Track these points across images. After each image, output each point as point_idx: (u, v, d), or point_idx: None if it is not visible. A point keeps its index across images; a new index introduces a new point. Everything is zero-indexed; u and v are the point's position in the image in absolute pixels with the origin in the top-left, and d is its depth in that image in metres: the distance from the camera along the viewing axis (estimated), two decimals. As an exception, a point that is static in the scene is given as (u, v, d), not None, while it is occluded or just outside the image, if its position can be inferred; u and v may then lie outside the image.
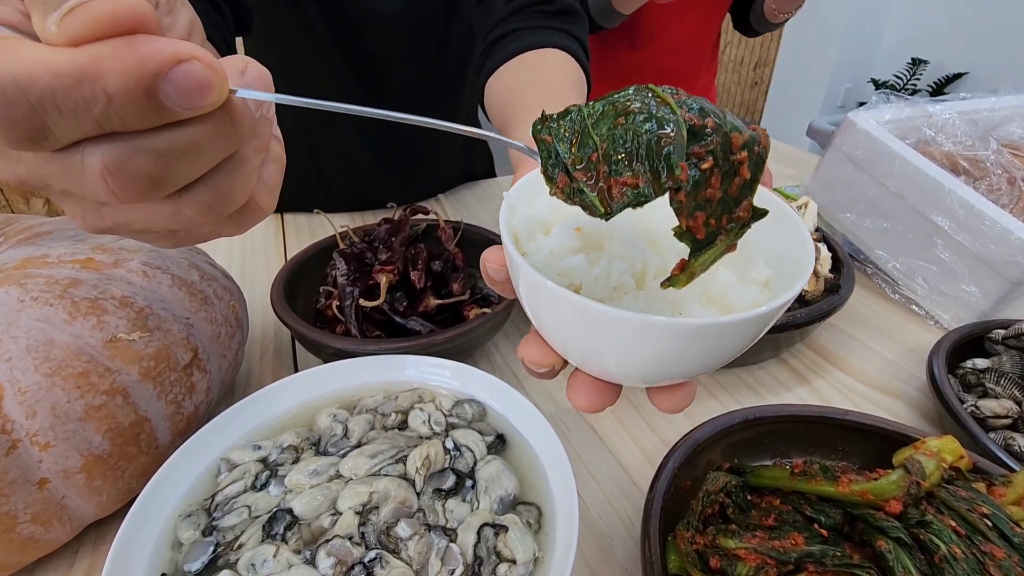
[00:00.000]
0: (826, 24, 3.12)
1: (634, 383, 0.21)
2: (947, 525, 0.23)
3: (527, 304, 0.21)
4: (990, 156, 0.51)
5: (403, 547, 0.29)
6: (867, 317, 0.54)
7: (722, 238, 0.17)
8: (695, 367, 0.20)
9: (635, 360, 0.19)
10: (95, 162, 0.14)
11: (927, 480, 0.25)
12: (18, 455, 0.28)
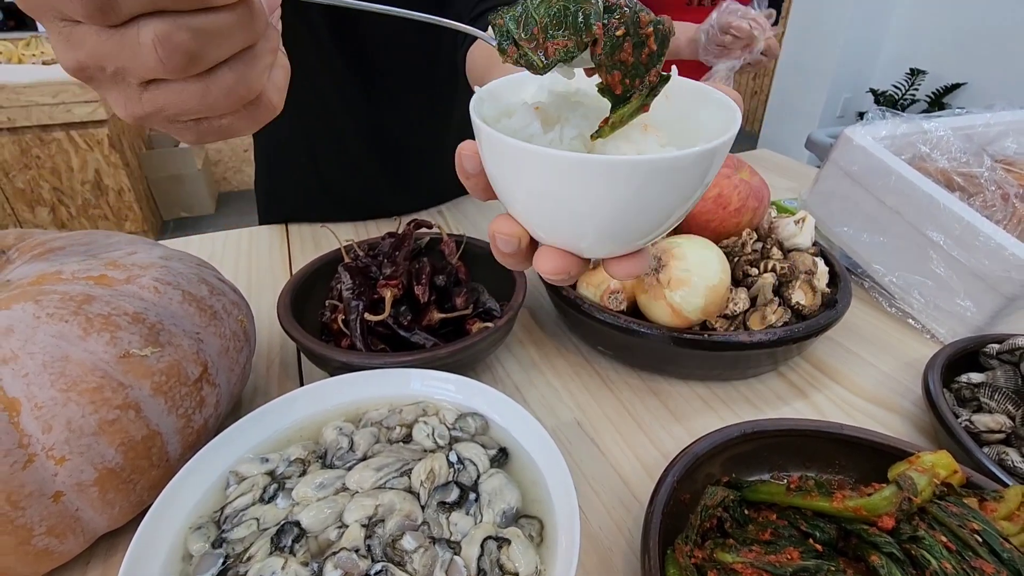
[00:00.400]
0: (825, 34, 3.15)
1: (588, 246, 0.23)
2: (938, 541, 0.24)
3: (490, 169, 0.24)
4: (984, 172, 0.52)
5: (408, 560, 0.30)
6: (864, 330, 0.55)
7: (636, 97, 0.21)
8: (640, 220, 0.22)
9: (581, 210, 0.21)
10: (148, 34, 0.18)
11: (919, 496, 0.25)
12: (35, 469, 0.28)
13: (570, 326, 0.55)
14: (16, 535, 0.28)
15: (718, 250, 0.45)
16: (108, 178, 2.40)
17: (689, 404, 0.47)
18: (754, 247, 0.51)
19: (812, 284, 0.48)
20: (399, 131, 0.74)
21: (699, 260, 0.43)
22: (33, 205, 2.35)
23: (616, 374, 0.50)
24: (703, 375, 0.49)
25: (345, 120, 0.72)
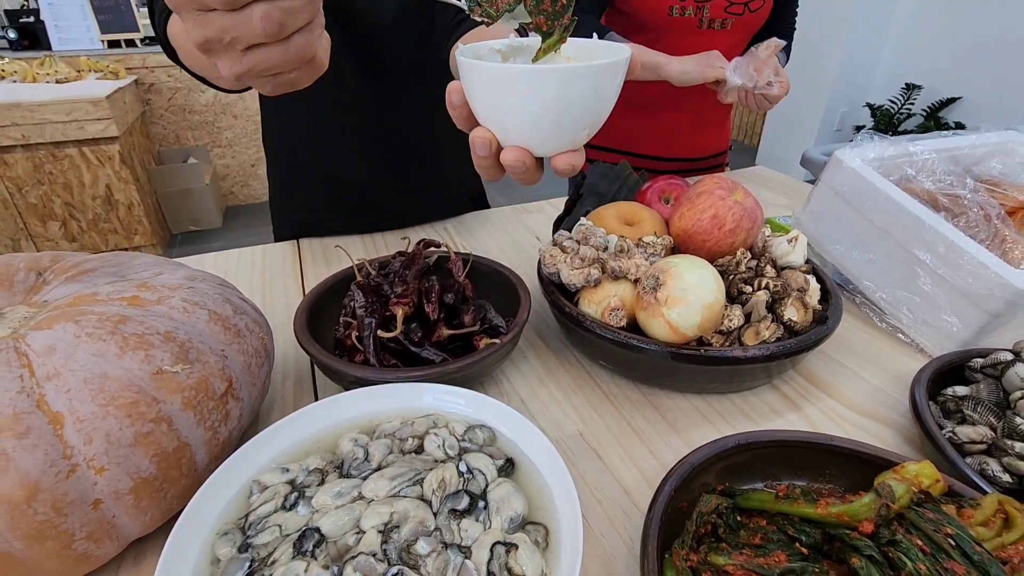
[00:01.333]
0: (822, 49, 3.20)
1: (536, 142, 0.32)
2: (914, 544, 0.26)
3: (467, 92, 0.32)
4: (967, 194, 0.54)
5: (422, 563, 0.32)
6: (855, 345, 0.57)
7: (556, 32, 0.31)
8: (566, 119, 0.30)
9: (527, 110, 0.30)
10: (257, 13, 0.27)
11: (896, 503, 0.27)
12: (77, 478, 0.30)
13: (573, 342, 0.57)
14: (59, 540, 0.30)
15: (713, 270, 0.47)
16: (118, 193, 2.44)
17: (687, 416, 0.49)
18: (748, 265, 0.53)
19: (804, 301, 0.51)
20: (403, 137, 0.79)
21: (695, 280, 0.46)
22: (45, 220, 2.39)
23: (617, 387, 0.52)
24: (700, 388, 0.51)
25: (352, 126, 0.76)
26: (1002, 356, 0.45)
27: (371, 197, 0.81)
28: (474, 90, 0.32)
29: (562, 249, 0.54)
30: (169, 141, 3.00)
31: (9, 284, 0.41)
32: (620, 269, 0.50)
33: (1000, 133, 0.69)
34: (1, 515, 0.28)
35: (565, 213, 0.68)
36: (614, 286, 0.51)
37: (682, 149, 1.03)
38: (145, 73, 2.81)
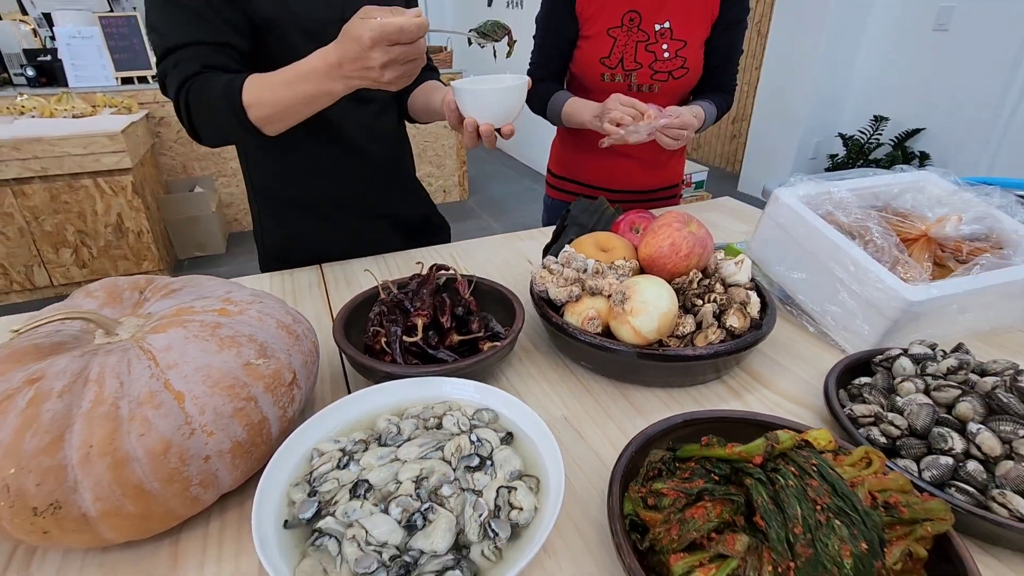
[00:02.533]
0: (797, 84, 3.41)
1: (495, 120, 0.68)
2: (788, 469, 0.37)
3: (458, 102, 0.70)
4: (873, 226, 0.67)
5: (446, 502, 0.43)
6: (791, 347, 0.70)
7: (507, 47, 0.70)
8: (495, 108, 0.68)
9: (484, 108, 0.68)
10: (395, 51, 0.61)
11: (780, 445, 0.39)
12: (194, 439, 0.42)
13: (559, 346, 0.69)
14: (182, 483, 0.41)
15: (668, 287, 0.60)
16: (129, 221, 2.55)
17: (651, 404, 0.60)
18: (700, 283, 0.66)
19: (744, 311, 0.63)
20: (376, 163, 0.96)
21: (653, 295, 0.58)
22: (58, 247, 2.50)
23: (594, 382, 0.64)
24: (662, 382, 0.63)
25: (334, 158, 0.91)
26: (893, 352, 0.57)
27: (382, 231, 0.95)
28: (463, 101, 0.68)
29: (549, 271, 0.66)
30: (177, 171, 3.14)
31: (119, 301, 0.52)
32: (596, 287, 0.63)
33: (914, 173, 0.83)
34: (147, 463, 0.40)
35: (552, 241, 0.81)
36: (592, 301, 0.63)
37: (636, 184, 1.18)
38: (156, 107, 2.96)
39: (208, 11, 0.71)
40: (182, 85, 0.71)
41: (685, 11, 1.04)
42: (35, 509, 0.38)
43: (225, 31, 0.73)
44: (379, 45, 0.59)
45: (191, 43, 0.71)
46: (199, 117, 0.72)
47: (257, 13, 0.75)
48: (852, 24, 3.20)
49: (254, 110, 0.69)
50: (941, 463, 0.45)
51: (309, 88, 0.67)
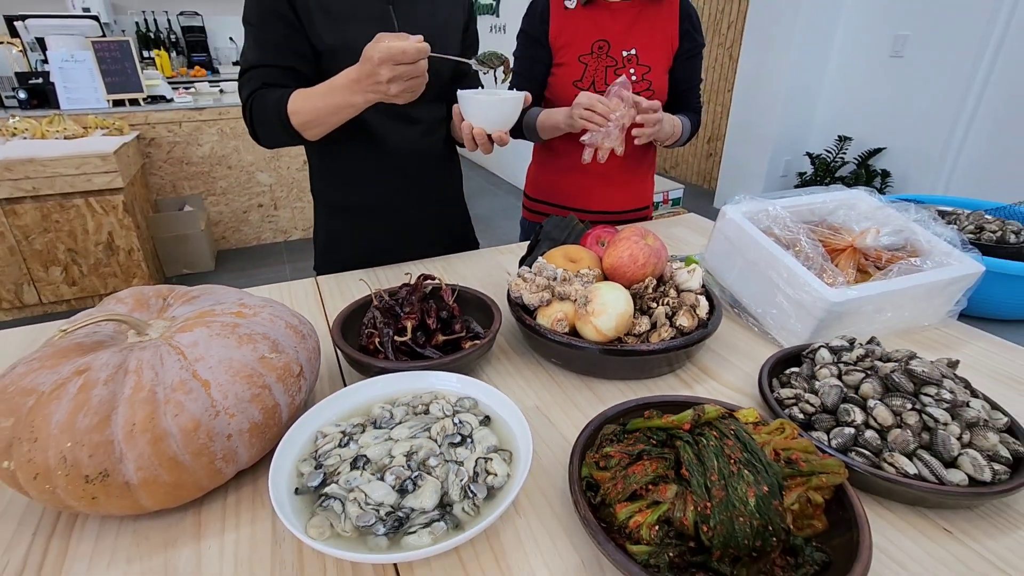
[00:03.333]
0: (767, 107, 3.58)
1: (491, 126, 0.83)
2: (711, 434, 0.46)
3: (461, 109, 0.83)
4: (803, 239, 0.78)
5: (433, 471, 0.51)
6: (738, 345, 0.79)
7: (503, 73, 0.86)
8: (495, 117, 0.83)
9: (488, 114, 0.82)
10: (387, 71, 0.74)
11: (706, 415, 0.48)
12: (219, 419, 0.49)
13: (532, 345, 0.77)
14: (208, 457, 0.49)
15: (625, 291, 0.69)
16: (120, 239, 2.60)
17: (611, 394, 0.69)
18: (655, 289, 0.75)
19: (694, 313, 0.72)
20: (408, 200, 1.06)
21: (612, 298, 0.67)
22: (48, 265, 2.53)
23: (563, 376, 0.72)
24: (621, 375, 0.72)
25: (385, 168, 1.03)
26: (815, 345, 0.67)
27: (375, 244, 1.04)
28: (465, 107, 0.81)
29: (524, 279, 0.75)
30: (166, 191, 3.19)
31: (146, 306, 0.60)
32: (564, 293, 0.72)
33: (846, 192, 0.94)
34: (180, 439, 0.47)
35: (527, 254, 0.90)
36: (560, 305, 0.72)
37: (608, 205, 1.27)
38: (146, 129, 3.02)
39: (280, 39, 0.88)
40: (249, 97, 0.88)
41: (649, 40, 1.16)
42: (87, 477, 0.45)
43: (292, 58, 0.89)
44: (385, 64, 0.72)
45: (263, 65, 0.88)
46: (259, 123, 0.89)
47: (321, 42, 0.90)
48: (816, 50, 3.39)
49: (295, 117, 0.86)
50: (845, 433, 0.54)
51: (335, 99, 0.82)
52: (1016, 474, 0.51)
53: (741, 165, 3.89)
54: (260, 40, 0.89)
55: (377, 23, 0.93)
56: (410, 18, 0.95)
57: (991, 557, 0.48)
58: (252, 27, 0.89)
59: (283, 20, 0.88)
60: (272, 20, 0.88)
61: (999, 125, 2.86)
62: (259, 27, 0.88)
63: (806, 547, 0.44)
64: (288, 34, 0.88)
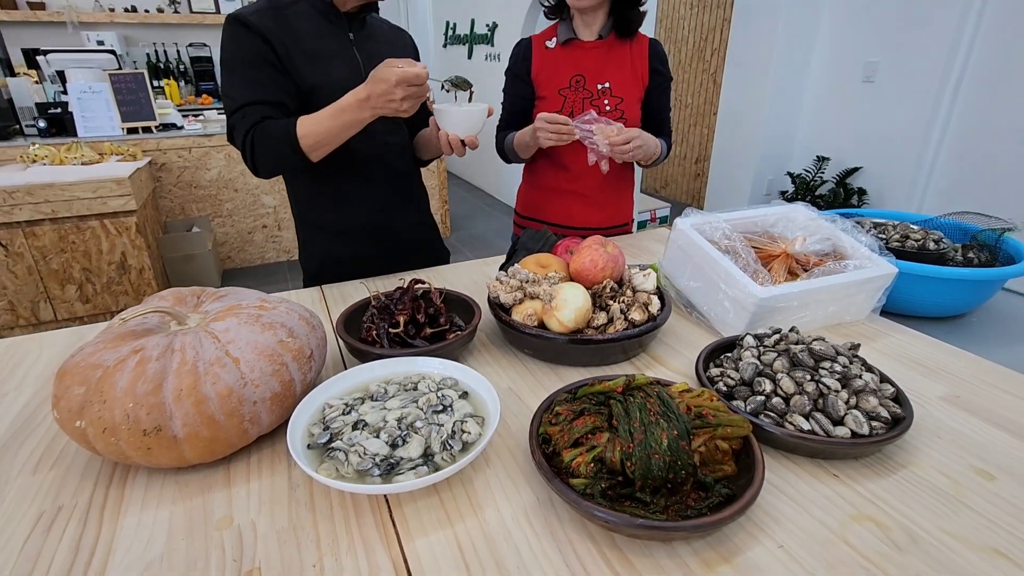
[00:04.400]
0: (750, 130, 3.75)
1: (464, 131, 1.02)
2: (639, 394, 0.58)
3: (436, 118, 1.03)
4: (739, 247, 0.91)
5: (419, 431, 0.63)
6: (688, 337, 0.91)
7: (471, 92, 1.05)
8: (465, 124, 1.01)
9: (454, 122, 1.01)
10: (402, 91, 0.91)
11: (636, 381, 0.60)
12: (246, 388, 0.61)
13: (507, 339, 0.90)
14: (238, 418, 0.61)
15: (583, 289, 0.82)
16: (132, 259, 2.73)
17: (574, 378, 0.81)
18: (612, 289, 0.88)
19: (645, 309, 0.85)
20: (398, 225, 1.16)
21: (571, 295, 0.80)
22: (63, 284, 2.66)
23: (534, 364, 0.84)
24: (584, 362, 0.84)
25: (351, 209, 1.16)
26: (741, 335, 0.79)
27: (370, 257, 1.18)
28: (440, 118, 1.01)
29: (500, 282, 0.88)
30: (175, 212, 3.34)
31: (184, 302, 0.72)
32: (534, 292, 0.84)
33: (786, 206, 1.07)
34: (217, 402, 0.59)
35: (506, 262, 1.02)
36: (531, 303, 0.84)
37: (591, 222, 1.41)
38: (158, 155, 3.18)
39: (268, 80, 1.00)
40: (248, 131, 0.98)
41: (620, 75, 1.30)
42: (144, 431, 0.57)
43: (280, 94, 1.01)
44: (401, 85, 0.90)
45: (255, 102, 0.99)
46: (261, 154, 0.99)
47: (304, 81, 1.03)
48: (793, 75, 3.58)
49: (305, 140, 0.97)
50: (757, 400, 0.66)
51: (346, 117, 0.95)
52: (891, 430, 0.63)
53: (727, 184, 4.05)
54: (249, 81, 0.99)
55: (347, 62, 1.09)
56: (373, 58, 1.10)
57: (867, 494, 0.59)
58: (236, 71, 1.00)
59: (268, 63, 1.00)
60: (259, 63, 1.00)
61: (967, 143, 3.02)
62: (245, 70, 1.00)
63: (715, 484, 0.56)
64: (273, 75, 1.01)
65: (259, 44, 0.98)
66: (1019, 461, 0.64)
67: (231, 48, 1.00)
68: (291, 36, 1.02)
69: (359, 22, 1.11)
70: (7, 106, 3.00)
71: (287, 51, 1.01)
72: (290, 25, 1.02)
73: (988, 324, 1.05)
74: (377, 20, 1.18)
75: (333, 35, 1.07)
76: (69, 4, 4.84)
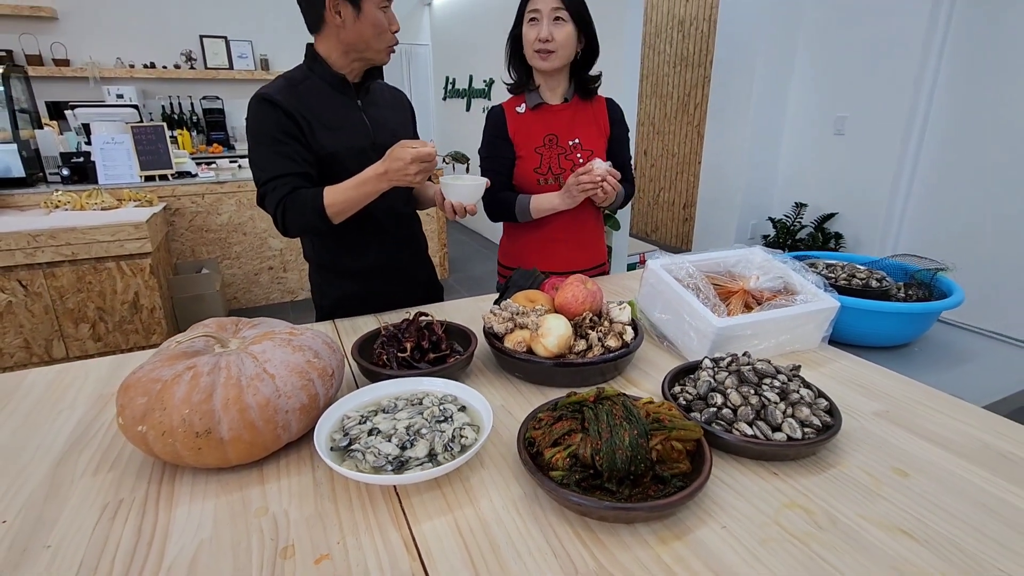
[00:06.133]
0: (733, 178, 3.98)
1: (464, 200, 1.20)
2: (607, 403, 0.70)
3: (443, 190, 1.21)
4: (700, 284, 1.05)
5: (424, 437, 0.74)
6: (658, 363, 1.04)
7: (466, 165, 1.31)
8: (468, 195, 1.20)
9: (458, 193, 1.19)
10: (416, 167, 1.08)
11: (604, 392, 0.72)
12: (280, 399, 0.73)
13: (500, 364, 1.02)
14: (273, 424, 0.72)
15: (565, 320, 0.95)
16: (144, 299, 2.86)
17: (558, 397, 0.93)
18: (591, 320, 1.01)
19: (620, 337, 0.98)
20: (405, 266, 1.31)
21: (555, 324, 0.93)
22: (77, 322, 2.77)
23: (524, 386, 0.96)
24: (566, 383, 0.96)
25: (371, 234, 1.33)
26: (701, 359, 0.92)
27: (378, 295, 1.32)
28: (447, 190, 1.19)
29: (494, 314, 1.01)
30: (186, 255, 3.49)
31: (224, 329, 0.85)
32: (523, 323, 0.97)
33: (746, 249, 1.22)
34: (257, 411, 0.71)
35: (500, 298, 1.16)
36: (520, 332, 0.97)
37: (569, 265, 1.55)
38: (172, 200, 3.36)
39: (294, 153, 1.15)
40: (280, 201, 1.14)
41: (587, 131, 1.49)
42: (197, 433, 0.69)
43: (304, 165, 1.17)
44: (415, 162, 1.07)
45: (284, 174, 1.15)
46: (291, 220, 1.15)
47: (323, 149, 1.19)
48: (769, 128, 3.84)
49: (330, 208, 1.14)
50: (710, 411, 0.79)
51: (366, 188, 1.12)
52: (821, 435, 0.75)
53: (712, 229, 4.25)
54: (277, 155, 1.14)
55: (358, 128, 1.26)
56: (379, 122, 1.29)
57: (799, 488, 0.71)
58: (265, 145, 1.14)
59: (293, 137, 1.15)
60: (286, 139, 1.15)
61: (932, 191, 3.23)
62: (274, 145, 1.14)
63: (672, 479, 0.68)
64: (298, 148, 1.16)
65: (284, 120, 1.13)
66: (933, 464, 0.76)
67: (260, 124, 1.14)
68: (310, 110, 1.17)
69: (365, 90, 1.29)
70: (34, 155, 3.19)
71: (308, 124, 1.16)
72: (307, 99, 1.18)
73: (927, 352, 1.18)
74: (379, 85, 1.36)
75: (344, 104, 1.24)
76: (92, 61, 5.16)
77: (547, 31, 1.33)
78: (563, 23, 1.34)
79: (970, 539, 0.62)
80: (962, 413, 0.88)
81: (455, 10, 5.89)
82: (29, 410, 0.90)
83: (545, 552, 0.61)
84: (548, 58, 1.37)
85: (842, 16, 3.42)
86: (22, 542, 0.63)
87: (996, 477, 0.73)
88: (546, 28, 1.33)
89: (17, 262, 2.58)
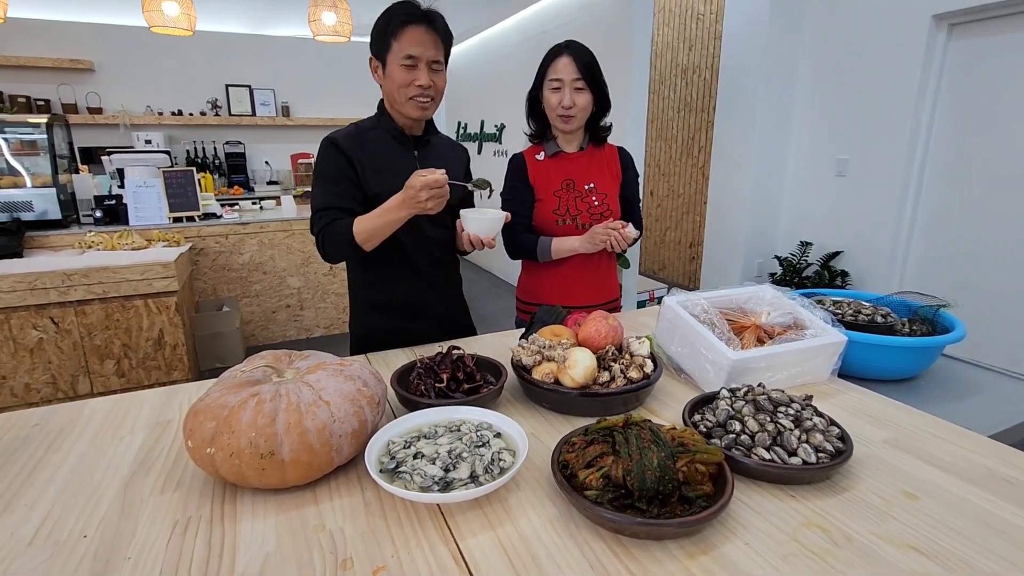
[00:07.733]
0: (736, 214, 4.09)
1: (485, 235, 1.30)
2: (636, 428, 0.77)
3: (464, 223, 1.33)
4: (715, 320, 1.12)
5: (465, 460, 0.81)
6: (676, 393, 1.10)
7: (487, 191, 1.35)
8: (486, 228, 1.29)
9: (476, 226, 1.29)
10: (426, 193, 1.16)
11: (632, 418, 0.79)
12: (335, 424, 0.80)
13: (528, 394, 1.08)
14: (329, 447, 0.79)
15: (591, 353, 1.02)
16: (168, 335, 2.95)
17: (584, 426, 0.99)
18: (613, 353, 1.08)
19: (641, 369, 1.04)
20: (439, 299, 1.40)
21: (580, 356, 1.00)
22: (103, 359, 2.86)
23: (551, 415, 1.03)
24: (591, 413, 1.02)
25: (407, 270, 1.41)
26: (718, 390, 0.98)
27: (408, 331, 1.40)
28: (466, 223, 1.30)
29: (522, 348, 1.08)
30: (207, 293, 3.60)
31: (280, 360, 0.93)
32: (550, 355, 1.04)
33: (756, 287, 1.29)
34: (315, 434, 0.78)
35: (526, 333, 1.23)
36: (547, 364, 1.04)
37: (584, 300, 1.64)
38: (197, 240, 3.50)
39: (344, 192, 1.30)
40: (322, 229, 1.28)
41: (601, 176, 1.60)
42: (261, 455, 0.75)
43: (350, 203, 1.31)
44: (424, 189, 1.15)
45: (331, 207, 1.29)
46: (328, 246, 1.28)
47: (371, 189, 1.33)
48: (773, 169, 3.97)
49: (359, 236, 1.25)
50: (729, 437, 0.84)
51: (388, 217, 1.22)
52: (834, 459, 0.81)
53: (719, 267, 4.33)
54: (331, 191, 1.32)
55: (409, 173, 1.36)
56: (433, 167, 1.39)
57: (816, 509, 0.76)
58: (323, 181, 1.33)
59: (347, 178, 1.32)
60: (341, 178, 1.32)
61: (933, 230, 3.32)
62: (331, 183, 1.32)
63: (697, 499, 0.73)
64: (349, 187, 1.32)
65: (343, 162, 1.30)
66: (940, 488, 0.81)
67: (323, 162, 1.32)
68: (368, 156, 1.34)
69: (424, 143, 1.43)
70: (70, 198, 3.35)
71: (363, 168, 1.32)
72: (368, 146, 1.35)
73: (932, 385, 1.24)
74: (441, 138, 1.51)
75: (401, 154, 1.39)
76: (124, 109, 5.44)
77: (569, 99, 1.48)
78: (582, 92, 1.48)
79: (977, 555, 0.67)
80: (967, 441, 0.93)
81: (467, 59, 6.20)
82: (93, 436, 0.97)
83: (583, 565, 0.66)
84: (570, 122, 1.52)
85: (839, 66, 3.60)
86: (104, 554, 0.69)
87: (1000, 499, 0.78)
88: (568, 96, 1.47)
89: (51, 300, 2.69)
